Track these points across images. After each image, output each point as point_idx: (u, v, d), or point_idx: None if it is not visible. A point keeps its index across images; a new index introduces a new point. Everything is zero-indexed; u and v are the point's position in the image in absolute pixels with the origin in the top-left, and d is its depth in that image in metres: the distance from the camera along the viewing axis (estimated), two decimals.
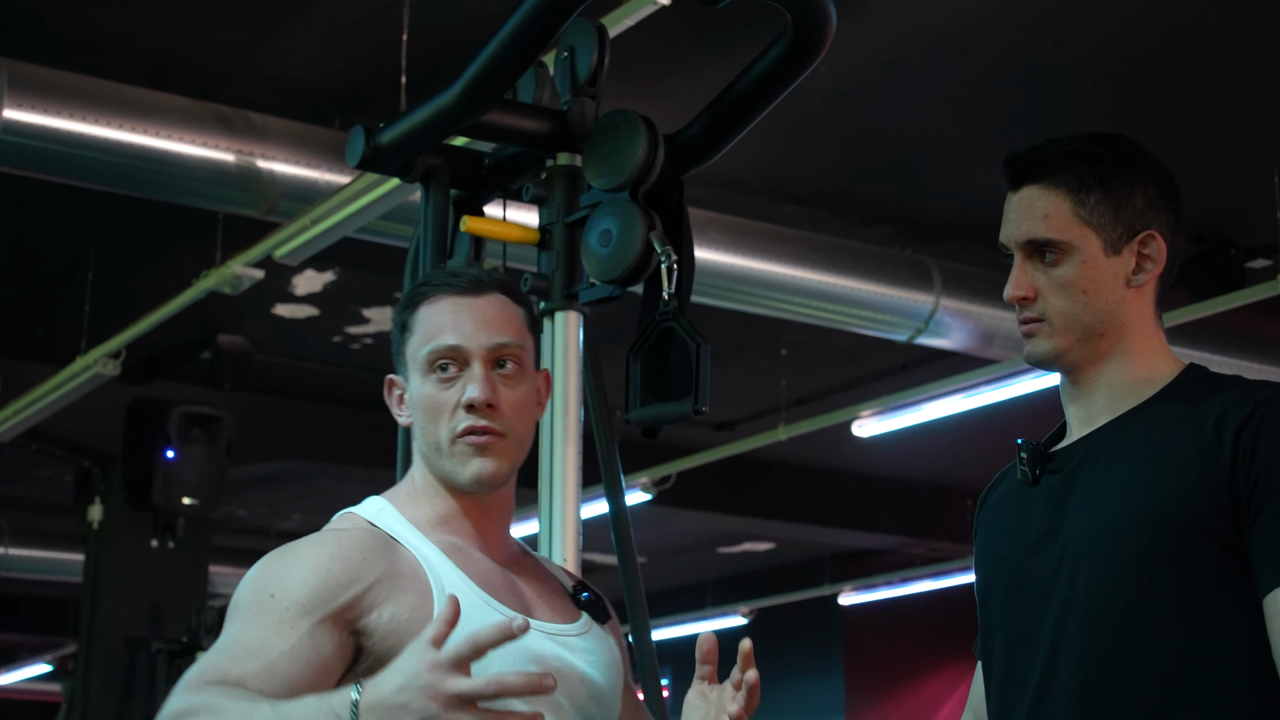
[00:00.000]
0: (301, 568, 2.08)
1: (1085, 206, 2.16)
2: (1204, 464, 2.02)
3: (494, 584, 2.17)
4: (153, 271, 7.56)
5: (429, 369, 2.19)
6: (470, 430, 2.16)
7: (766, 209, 6.88)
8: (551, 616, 2.22)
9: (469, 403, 2.16)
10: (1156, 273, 2.19)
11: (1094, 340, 2.17)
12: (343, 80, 5.97)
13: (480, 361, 2.18)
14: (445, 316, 2.20)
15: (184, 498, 8.78)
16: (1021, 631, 2.16)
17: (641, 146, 3.09)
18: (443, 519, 2.22)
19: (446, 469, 2.19)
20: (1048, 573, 2.12)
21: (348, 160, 3.34)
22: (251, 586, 2.10)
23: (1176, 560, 2.02)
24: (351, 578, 2.08)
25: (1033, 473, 2.21)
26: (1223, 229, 7.13)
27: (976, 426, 8.64)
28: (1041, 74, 5.81)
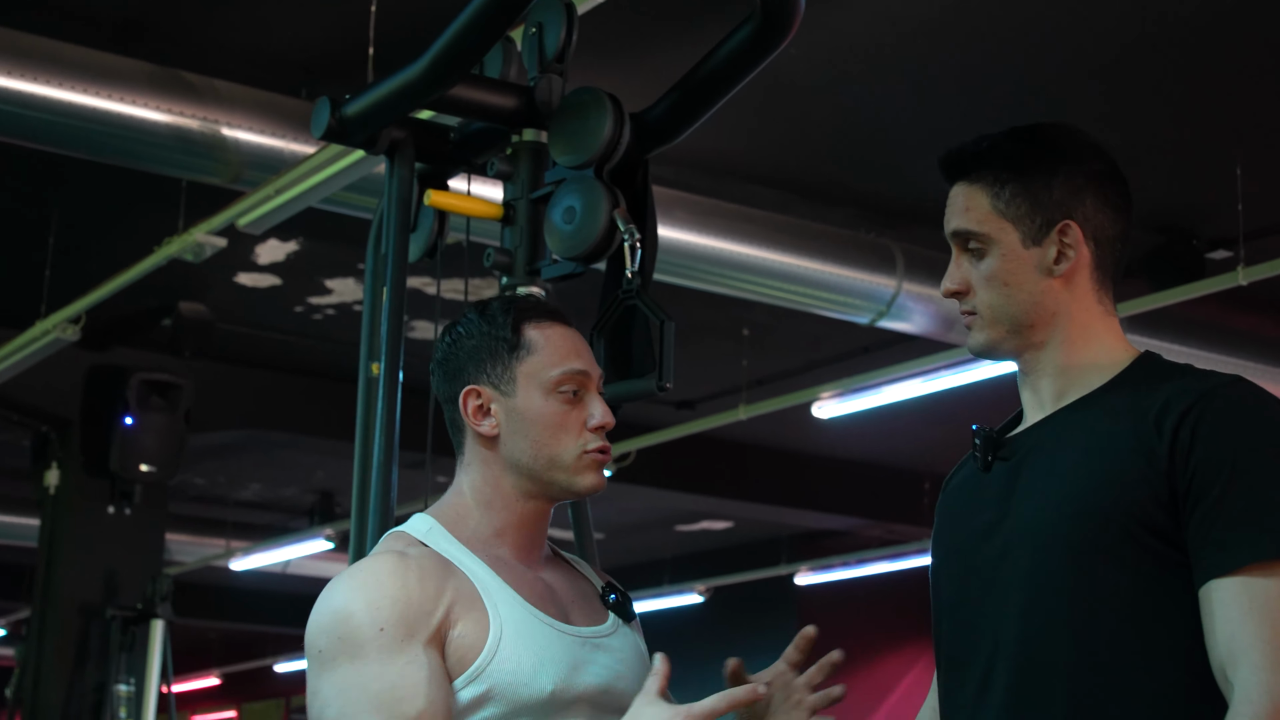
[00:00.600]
0: (389, 597, 2.18)
1: (1002, 200, 2.19)
2: (1144, 455, 2.04)
3: (537, 594, 2.30)
4: (114, 237, 7.52)
5: (553, 389, 2.34)
6: (600, 449, 2.36)
7: (733, 190, 6.89)
8: (584, 619, 2.34)
9: (600, 425, 2.35)
10: (1082, 261, 2.19)
11: (1024, 331, 2.20)
12: (311, 50, 5.95)
13: (595, 387, 2.39)
14: (567, 343, 2.39)
15: (141, 465, 8.75)
16: (967, 619, 2.18)
17: (607, 124, 3.08)
18: (495, 532, 2.34)
19: (561, 480, 2.34)
20: (992, 561, 2.14)
21: (313, 131, 3.33)
22: (351, 623, 2.17)
23: (1114, 551, 2.03)
24: (434, 598, 2.20)
25: (985, 459, 2.22)
26: (1184, 220, 7.17)
27: (936, 410, 8.68)
28: (1009, 62, 5.83)
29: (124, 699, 8.64)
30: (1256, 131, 6.31)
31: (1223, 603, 1.96)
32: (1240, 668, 1.93)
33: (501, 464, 2.35)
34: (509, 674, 2.19)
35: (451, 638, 2.20)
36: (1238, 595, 1.95)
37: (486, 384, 2.36)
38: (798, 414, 8.79)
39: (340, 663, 2.17)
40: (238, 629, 17.78)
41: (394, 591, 2.19)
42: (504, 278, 3.24)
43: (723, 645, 12.38)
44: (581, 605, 2.37)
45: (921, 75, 5.97)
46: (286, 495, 12.88)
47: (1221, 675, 1.96)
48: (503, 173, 3.27)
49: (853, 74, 5.97)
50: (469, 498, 2.37)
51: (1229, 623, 1.95)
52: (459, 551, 2.29)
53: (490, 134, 3.36)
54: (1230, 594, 1.96)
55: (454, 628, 2.20)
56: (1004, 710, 2.08)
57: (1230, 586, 1.96)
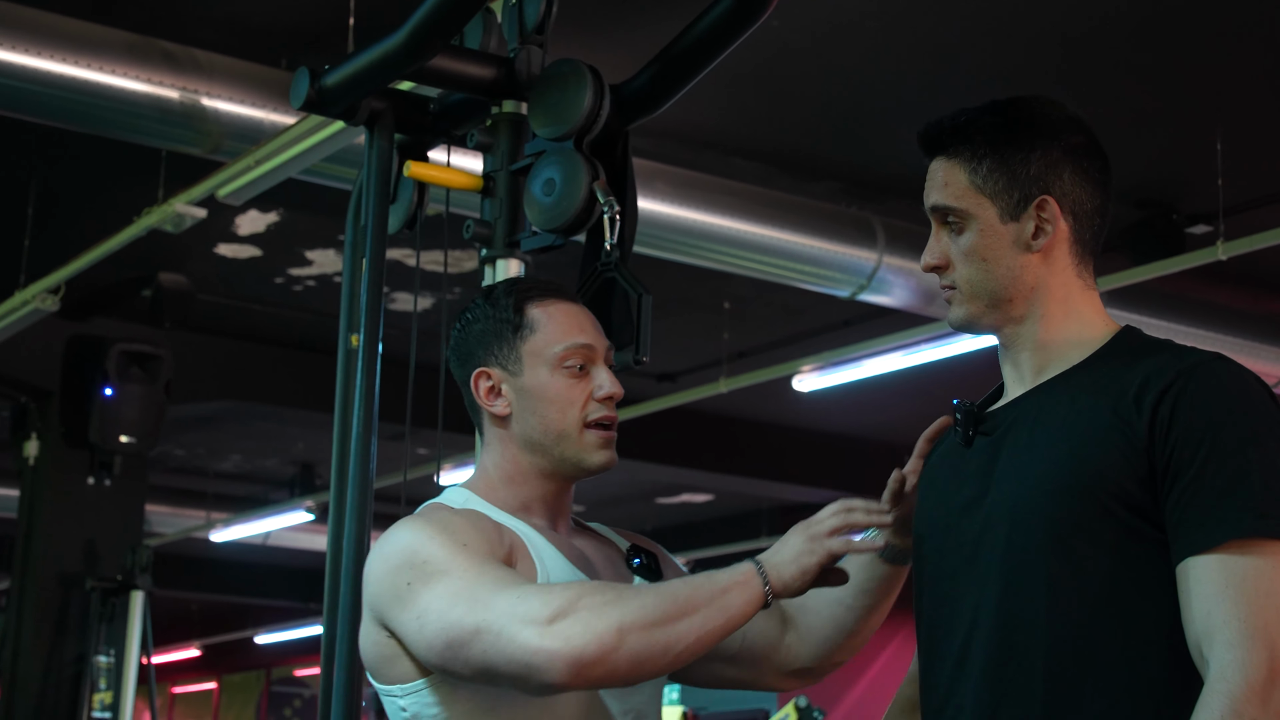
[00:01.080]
0: (461, 527, 2.26)
1: (979, 175, 2.19)
2: (1123, 432, 2.04)
3: (571, 558, 2.37)
4: (94, 207, 7.50)
5: (558, 365, 2.41)
6: (604, 420, 2.41)
7: (714, 163, 6.88)
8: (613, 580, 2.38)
9: (609, 395, 2.41)
10: (1060, 236, 2.19)
11: (1003, 305, 2.20)
12: (291, 21, 5.93)
13: (603, 360, 2.45)
14: (570, 318, 2.45)
15: (121, 436, 8.73)
16: (947, 593, 2.18)
17: (587, 96, 3.08)
18: (523, 505, 2.41)
19: (569, 454, 2.41)
20: (973, 537, 2.15)
21: (292, 101, 3.32)
22: (435, 544, 2.21)
23: (1092, 528, 2.04)
24: (497, 539, 2.29)
25: (966, 434, 2.23)
26: (1164, 194, 7.18)
27: (916, 383, 8.69)
28: (991, 36, 5.83)
29: (104, 670, 8.64)
30: (1236, 106, 6.32)
31: (1199, 580, 1.97)
32: (1216, 645, 1.93)
33: (517, 443, 2.43)
34: None
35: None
36: (1214, 573, 1.96)
37: (495, 365, 2.44)
38: (778, 387, 8.80)
39: (433, 581, 2.18)
40: (218, 600, 17.77)
41: (464, 525, 2.27)
42: (483, 249, 3.23)
43: None
44: (610, 568, 2.45)
45: (901, 48, 5.97)
46: (267, 466, 12.87)
47: (1197, 652, 1.96)
48: (482, 144, 3.26)
49: (833, 47, 5.96)
50: (493, 474, 2.45)
51: (1205, 600, 1.95)
52: (500, 515, 2.37)
53: (470, 105, 3.35)
54: (1207, 572, 1.96)
55: (516, 567, 2.27)
56: (982, 684, 2.09)
57: (1207, 564, 1.96)
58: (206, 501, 12.97)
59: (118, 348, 8.72)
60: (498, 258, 3.21)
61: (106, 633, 8.66)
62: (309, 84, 3.27)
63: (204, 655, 20.50)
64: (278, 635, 18.22)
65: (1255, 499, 1.97)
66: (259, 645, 19.06)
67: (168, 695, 21.67)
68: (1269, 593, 1.94)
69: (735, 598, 2.15)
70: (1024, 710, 2.04)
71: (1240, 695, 1.89)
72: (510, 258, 3.22)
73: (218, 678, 21.22)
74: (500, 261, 3.21)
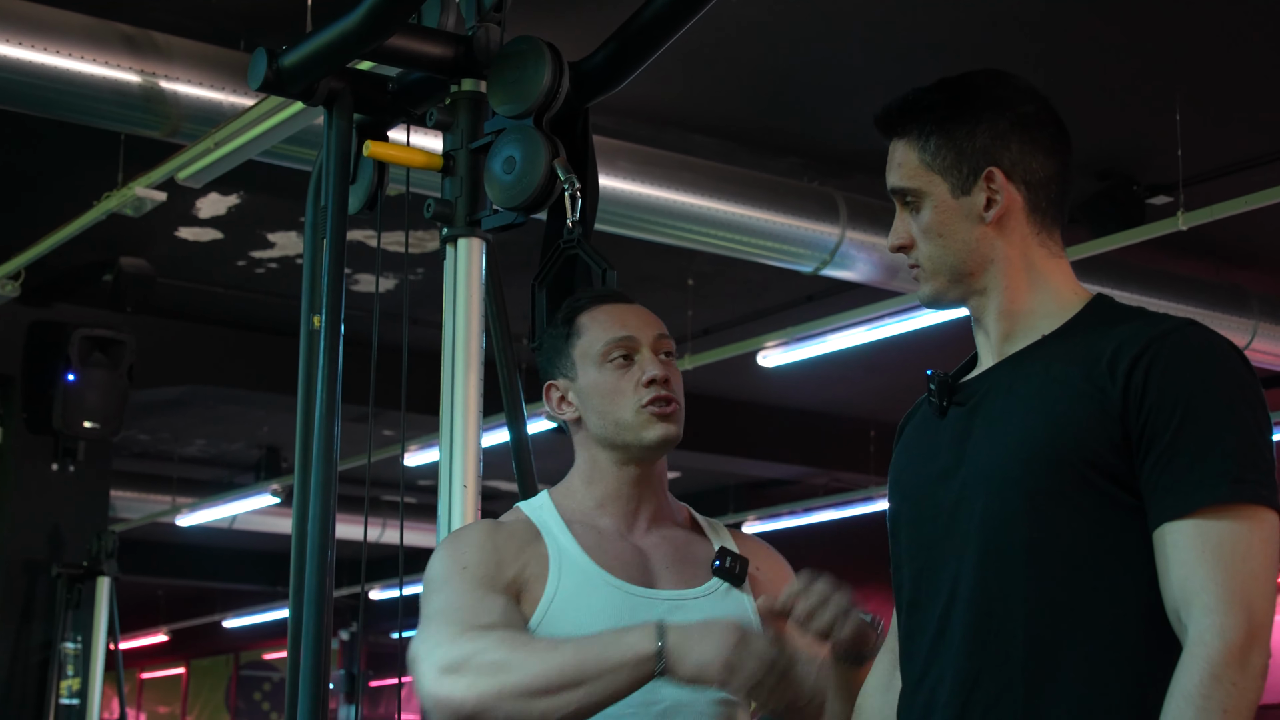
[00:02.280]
0: (478, 548, 2.47)
1: (928, 152, 2.22)
2: (1097, 399, 2.04)
3: (621, 560, 2.52)
4: (53, 192, 7.46)
5: (604, 359, 2.58)
6: (656, 399, 2.55)
7: (675, 139, 6.88)
8: (675, 583, 2.54)
9: (651, 379, 2.54)
10: (1013, 206, 2.20)
11: (965, 279, 2.22)
12: (249, 1, 5.90)
13: (649, 348, 2.59)
14: (611, 316, 2.62)
15: (85, 421, 8.70)
16: (925, 564, 2.19)
17: (546, 74, 3.08)
18: (598, 504, 2.59)
19: (631, 439, 2.56)
20: (949, 506, 2.15)
21: (250, 83, 3.31)
22: (444, 568, 2.46)
23: (1068, 496, 2.04)
24: (510, 562, 2.47)
25: (941, 404, 2.24)
26: (1125, 166, 7.20)
27: (880, 358, 8.72)
28: (953, 11, 5.83)
29: (71, 657, 8.62)
30: (1195, 77, 6.34)
31: (1176, 546, 1.97)
32: (1194, 610, 1.94)
33: (592, 441, 2.61)
34: (561, 628, 2.40)
35: (524, 595, 2.46)
36: (1191, 538, 1.96)
37: (559, 375, 2.64)
38: (743, 363, 8.80)
39: (435, 594, 2.44)
40: (185, 585, 17.74)
41: (479, 547, 2.48)
42: (445, 229, 3.23)
43: None
44: (678, 570, 2.57)
45: (862, 24, 5.97)
46: (232, 450, 12.84)
47: (1175, 618, 1.97)
48: (442, 123, 3.26)
49: (794, 22, 5.96)
50: (577, 477, 2.63)
51: (1183, 565, 1.96)
52: (554, 522, 2.56)
53: (429, 84, 3.35)
54: (1184, 537, 1.97)
55: (527, 585, 2.46)
56: (962, 652, 2.09)
57: (1184, 529, 1.97)
58: (171, 486, 12.93)
59: (80, 333, 8.68)
60: (459, 236, 3.21)
61: (73, 619, 8.63)
62: (267, 65, 3.26)
63: (172, 640, 20.45)
64: (246, 619, 18.19)
65: (1230, 464, 1.98)
66: (227, 629, 19.03)
67: (136, 681, 21.62)
68: (1245, 556, 1.95)
69: (624, 676, 2.26)
70: (1004, 679, 2.05)
71: (1219, 659, 1.90)
72: (472, 236, 3.21)
73: (186, 662, 21.18)
74: (462, 240, 3.21)
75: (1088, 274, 7.22)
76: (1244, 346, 7.88)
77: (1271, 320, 8.05)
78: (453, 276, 3.20)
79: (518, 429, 3.39)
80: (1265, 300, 8.08)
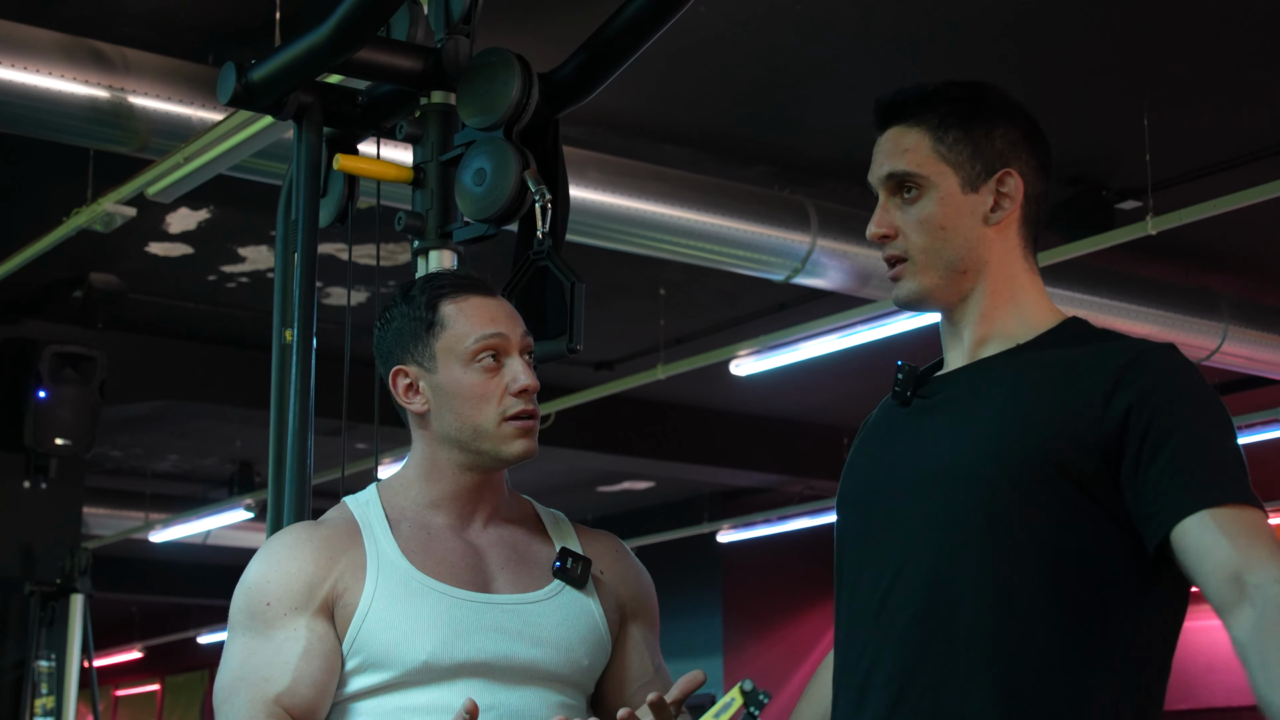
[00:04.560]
0: (283, 570, 2.35)
1: (944, 143, 2.21)
2: (1074, 404, 2.06)
3: (449, 564, 2.39)
4: (22, 209, 7.43)
5: (472, 359, 2.41)
6: (521, 413, 2.41)
7: (645, 149, 6.88)
8: (512, 586, 2.42)
9: (523, 388, 2.41)
10: (1015, 211, 2.21)
11: (956, 277, 2.21)
12: (217, 16, 5.89)
13: (517, 350, 2.44)
14: (482, 311, 2.44)
15: (56, 438, 8.66)
16: (870, 550, 2.19)
17: (515, 85, 3.08)
18: (432, 503, 2.45)
19: (487, 449, 2.42)
20: (900, 491, 2.16)
21: (219, 97, 3.30)
22: (248, 595, 2.36)
23: (1030, 493, 2.05)
24: (327, 571, 2.35)
25: (905, 393, 2.24)
26: (1094, 171, 7.23)
27: (852, 365, 8.72)
28: (923, 18, 5.85)
29: (45, 675, 8.58)
30: (1164, 81, 6.37)
31: (1208, 530, 1.97)
32: (1253, 568, 1.94)
33: (435, 439, 2.45)
34: (380, 643, 2.30)
35: (338, 609, 2.34)
36: (1222, 523, 1.97)
37: (411, 362, 2.46)
38: (716, 372, 8.81)
39: (235, 632, 2.37)
40: (159, 601, 17.66)
41: (286, 564, 2.35)
42: (416, 241, 3.23)
43: None
44: (516, 572, 2.44)
45: (832, 31, 5.98)
46: (205, 465, 12.80)
47: (1230, 590, 1.96)
48: (412, 135, 3.26)
49: (763, 30, 5.97)
50: (412, 471, 2.48)
51: (1224, 544, 1.96)
52: (378, 522, 2.42)
53: (398, 97, 3.35)
54: (1216, 522, 1.97)
55: (341, 598, 2.34)
56: (903, 640, 2.09)
57: (1211, 518, 1.97)
58: (145, 502, 12.88)
59: (50, 349, 8.65)
60: (430, 249, 3.21)
61: (47, 637, 8.58)
62: (236, 79, 3.26)
63: (146, 657, 20.37)
64: (220, 635, 18.10)
65: (1231, 469, 2.02)
66: (201, 645, 18.95)
67: (111, 698, 21.53)
68: (1268, 533, 1.98)
69: None
70: (944, 662, 2.06)
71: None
72: (443, 249, 3.21)
73: (161, 679, 21.09)
74: (433, 253, 3.21)
75: (1058, 279, 7.25)
76: (1214, 349, 7.95)
77: (1241, 323, 8.08)
78: None
79: None
80: (1235, 303, 8.11)
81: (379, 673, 2.31)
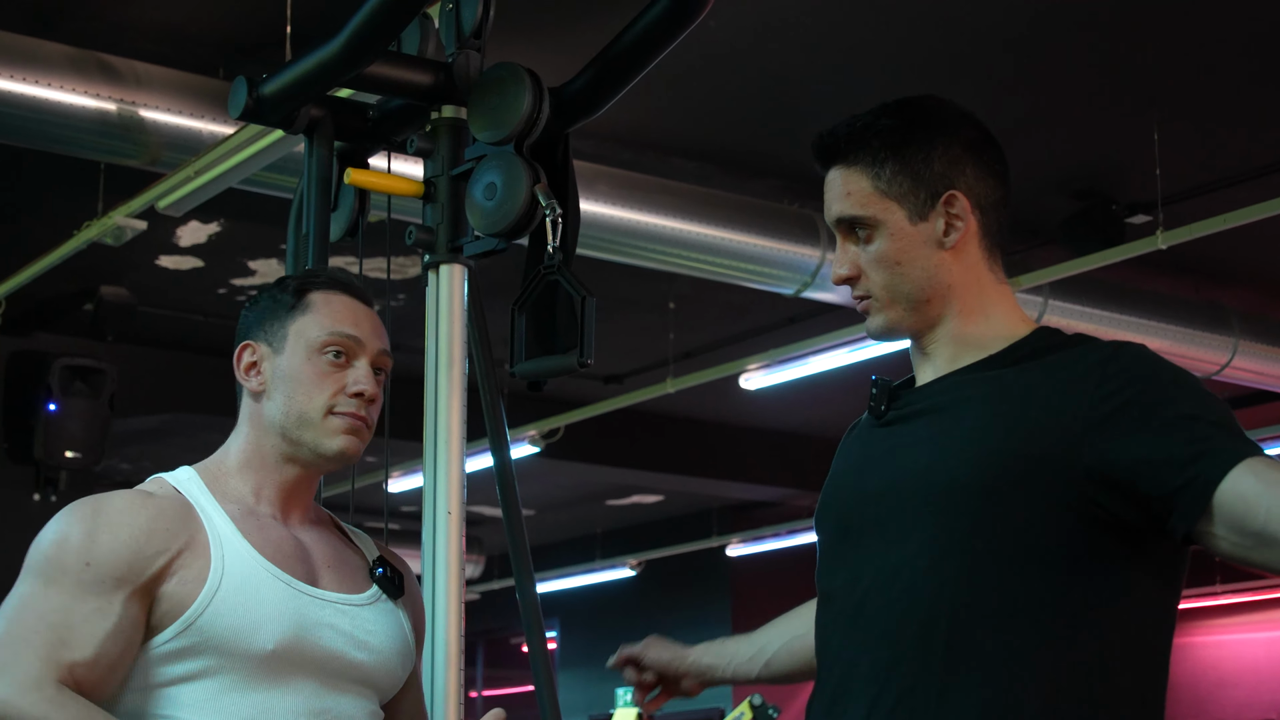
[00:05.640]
0: (113, 536, 2.22)
1: (883, 180, 2.18)
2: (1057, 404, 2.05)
3: (283, 552, 2.32)
4: (33, 222, 7.45)
5: (320, 350, 2.38)
6: (351, 414, 2.36)
7: (654, 163, 6.89)
8: (338, 585, 2.36)
9: (360, 392, 2.36)
10: (970, 231, 2.19)
11: (922, 307, 2.20)
12: (227, 30, 5.91)
13: (369, 360, 2.40)
14: (345, 309, 2.42)
15: (66, 451, 8.66)
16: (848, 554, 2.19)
17: (526, 100, 3.08)
18: (253, 491, 2.38)
19: (308, 439, 2.37)
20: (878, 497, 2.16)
21: (230, 111, 3.31)
22: (64, 548, 2.24)
23: (1008, 496, 2.04)
24: (160, 548, 2.23)
25: (879, 407, 2.23)
26: (1103, 185, 7.22)
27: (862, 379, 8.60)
28: (930, 32, 5.85)
29: None
30: (1174, 96, 6.36)
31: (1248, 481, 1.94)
32: None
33: (264, 424, 2.42)
34: (226, 626, 2.20)
35: (165, 589, 2.22)
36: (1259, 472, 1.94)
37: (262, 340, 2.44)
38: (725, 386, 8.81)
39: (35, 580, 2.23)
40: None
41: (117, 530, 2.23)
42: (426, 255, 3.23)
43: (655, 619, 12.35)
44: (339, 571, 2.40)
45: (839, 46, 5.99)
46: None
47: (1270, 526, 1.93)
48: (422, 150, 3.26)
49: (772, 45, 5.98)
50: (232, 459, 2.44)
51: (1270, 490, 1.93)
52: (207, 501, 2.33)
53: (409, 111, 3.35)
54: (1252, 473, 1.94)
55: (172, 577, 2.22)
56: (881, 639, 2.09)
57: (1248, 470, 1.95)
58: None
59: (60, 362, 8.65)
60: (441, 263, 3.21)
61: None
62: (247, 93, 3.26)
63: None
64: None
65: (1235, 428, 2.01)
66: None
67: None
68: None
69: None
70: (922, 668, 2.05)
71: None
72: (454, 263, 3.21)
73: None
74: (444, 267, 3.21)
75: (1067, 294, 7.25)
76: (1224, 364, 7.94)
77: (1251, 338, 8.08)
78: (435, 303, 3.20)
79: (501, 454, 3.39)
80: (1245, 318, 8.10)
81: (210, 658, 2.21)
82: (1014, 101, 6.19)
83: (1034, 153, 6.48)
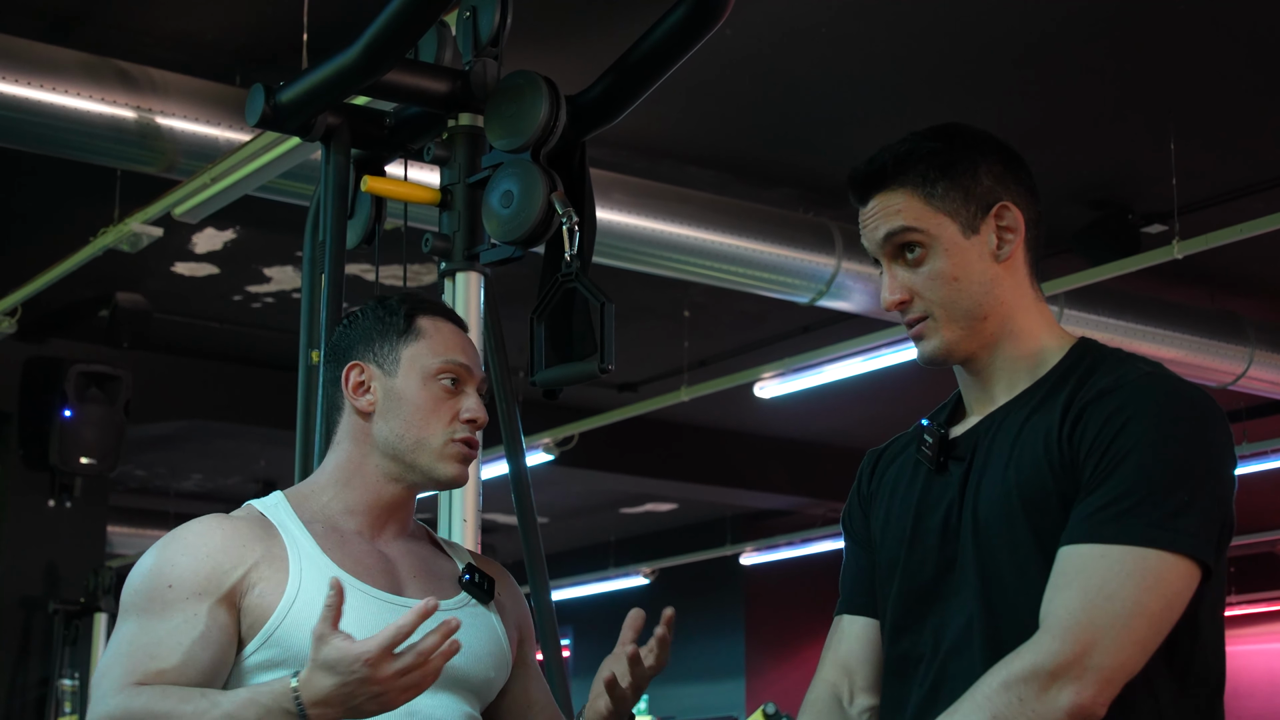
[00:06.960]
0: (191, 555, 2.29)
1: (935, 196, 2.18)
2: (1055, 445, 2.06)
3: (365, 565, 2.37)
4: (50, 228, 7.46)
5: (435, 376, 2.42)
6: (468, 440, 2.43)
7: (670, 171, 6.89)
8: (423, 594, 2.37)
9: (473, 418, 2.43)
10: (1019, 242, 2.20)
11: (979, 325, 2.18)
12: (244, 37, 5.91)
13: (476, 388, 2.46)
14: (454, 337, 2.47)
15: (81, 457, 8.69)
16: (919, 614, 2.17)
17: (543, 108, 3.09)
18: (346, 509, 2.42)
19: (424, 464, 2.41)
20: (949, 555, 2.14)
21: (247, 118, 3.32)
22: (148, 578, 2.30)
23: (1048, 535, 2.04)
24: (236, 561, 2.29)
25: (938, 460, 2.21)
26: (1120, 195, 7.21)
27: (877, 388, 8.72)
28: (946, 41, 5.85)
29: (68, 694, 8.60)
30: (1190, 105, 6.35)
31: (1058, 568, 1.99)
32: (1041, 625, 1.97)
33: (371, 442, 2.44)
34: (306, 637, 2.18)
35: (247, 601, 2.28)
36: (1078, 563, 1.98)
37: (371, 361, 2.45)
38: (740, 394, 8.80)
39: (125, 615, 2.30)
40: None
41: (195, 550, 2.30)
42: (442, 263, 3.23)
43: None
44: (425, 580, 2.44)
45: (856, 55, 5.98)
46: (229, 485, 12.82)
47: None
48: (439, 157, 3.26)
49: (788, 54, 5.98)
50: (328, 476, 2.46)
51: (1053, 587, 1.98)
52: (290, 519, 2.38)
53: (426, 119, 3.36)
54: (1067, 562, 1.99)
55: (252, 590, 2.28)
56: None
57: (1071, 555, 1.99)
58: (169, 521, 12.88)
59: (76, 369, 8.68)
60: (457, 271, 3.22)
61: (70, 656, 8.61)
62: (264, 100, 3.27)
63: None
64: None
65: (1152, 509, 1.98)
66: None
67: None
68: (1113, 597, 1.95)
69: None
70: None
71: (1018, 672, 1.96)
72: (470, 270, 3.22)
73: None
74: (460, 274, 3.21)
75: (1083, 303, 7.23)
76: (1240, 374, 7.91)
77: (1267, 348, 8.06)
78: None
79: (516, 461, 3.39)
80: (1261, 327, 8.08)
81: (295, 668, 2.20)
82: (1030, 111, 6.18)
83: (1050, 162, 6.47)
